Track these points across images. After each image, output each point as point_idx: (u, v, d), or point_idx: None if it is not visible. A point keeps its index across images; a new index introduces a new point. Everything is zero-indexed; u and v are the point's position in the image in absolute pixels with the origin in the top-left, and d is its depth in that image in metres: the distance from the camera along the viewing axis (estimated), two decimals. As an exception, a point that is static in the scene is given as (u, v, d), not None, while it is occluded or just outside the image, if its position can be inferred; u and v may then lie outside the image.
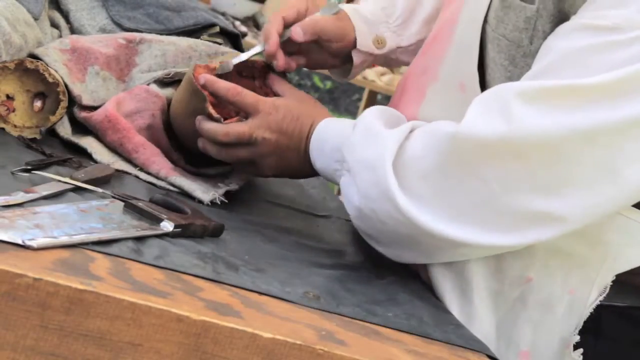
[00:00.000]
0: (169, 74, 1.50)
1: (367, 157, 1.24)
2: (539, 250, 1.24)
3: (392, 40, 1.59)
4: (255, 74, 1.50)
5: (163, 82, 1.50)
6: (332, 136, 1.32)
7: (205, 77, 1.37)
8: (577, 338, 1.23)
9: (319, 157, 1.33)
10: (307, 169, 1.36)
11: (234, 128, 1.35)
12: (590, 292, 1.24)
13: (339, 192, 1.70)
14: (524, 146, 1.13)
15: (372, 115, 1.29)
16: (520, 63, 1.23)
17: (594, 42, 1.14)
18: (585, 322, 1.24)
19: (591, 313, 1.24)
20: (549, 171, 1.14)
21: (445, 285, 1.29)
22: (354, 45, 1.55)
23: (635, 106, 1.11)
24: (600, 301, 1.23)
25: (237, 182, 1.42)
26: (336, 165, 1.30)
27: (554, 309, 1.24)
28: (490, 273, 1.26)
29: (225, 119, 1.37)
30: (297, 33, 1.47)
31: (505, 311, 1.26)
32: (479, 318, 1.26)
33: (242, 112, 1.38)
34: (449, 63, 1.32)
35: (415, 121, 1.27)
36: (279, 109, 1.36)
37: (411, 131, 1.24)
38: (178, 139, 1.45)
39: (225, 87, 1.37)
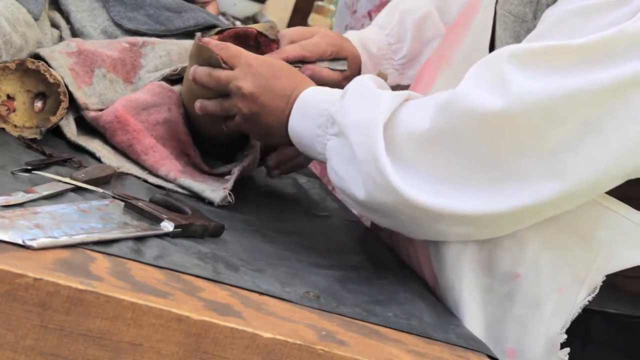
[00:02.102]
0: (176, 70, 1.51)
1: (360, 118, 1.22)
2: (529, 245, 1.23)
3: (393, 77, 1.60)
4: (249, 43, 1.50)
5: (171, 81, 1.50)
6: (320, 101, 1.30)
7: (203, 39, 1.40)
8: (564, 337, 1.22)
9: (299, 121, 1.31)
10: (282, 132, 1.33)
11: (216, 72, 1.36)
12: (579, 292, 1.23)
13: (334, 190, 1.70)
14: (516, 112, 1.13)
15: (366, 79, 1.29)
16: (524, 40, 1.23)
17: (585, 4, 1.14)
18: (574, 326, 1.23)
19: (581, 317, 1.23)
20: (538, 134, 1.13)
21: (443, 281, 1.29)
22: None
23: (622, 67, 1.11)
24: (589, 304, 1.22)
25: (239, 169, 1.41)
26: (318, 130, 1.28)
27: (541, 308, 1.23)
28: (481, 268, 1.26)
29: None
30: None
31: (493, 308, 1.25)
32: (469, 314, 1.26)
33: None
34: (465, 48, 1.33)
35: (412, 92, 1.27)
36: (261, 64, 1.35)
37: (406, 100, 1.24)
38: (196, 135, 1.45)
39: (214, 42, 1.39)
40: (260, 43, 1.52)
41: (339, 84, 1.48)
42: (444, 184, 1.17)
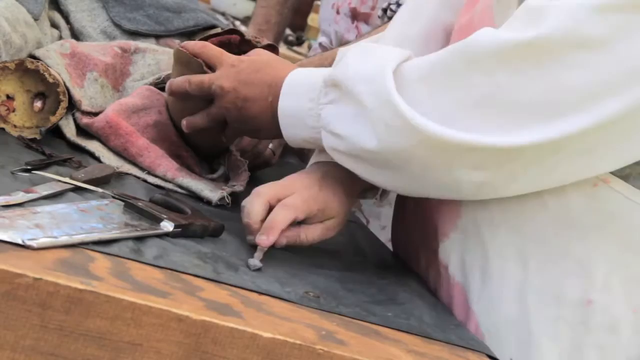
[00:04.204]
0: (159, 78, 1.51)
1: (364, 70, 1.17)
2: (598, 269, 1.18)
3: None
4: (232, 50, 1.49)
5: (157, 87, 1.50)
6: (309, 77, 1.25)
7: (184, 42, 1.39)
8: None
9: (289, 101, 1.25)
10: (269, 121, 1.29)
11: (196, 77, 1.35)
12: None
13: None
14: (554, 36, 1.08)
15: (363, 42, 1.26)
16: None
17: None
18: None
19: None
20: (572, 64, 1.08)
21: (497, 315, 1.23)
22: None
23: None
24: None
25: (241, 184, 1.42)
26: (309, 104, 1.23)
27: (619, 331, 1.19)
28: (548, 299, 1.20)
29: None
30: None
31: (567, 338, 1.20)
32: (542, 348, 1.20)
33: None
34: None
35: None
36: (242, 62, 1.34)
37: (409, 57, 1.19)
38: (184, 136, 1.45)
39: (194, 42, 1.38)
40: (244, 52, 1.50)
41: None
42: (467, 117, 1.11)
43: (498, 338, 1.23)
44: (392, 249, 1.50)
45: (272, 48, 1.50)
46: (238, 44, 1.51)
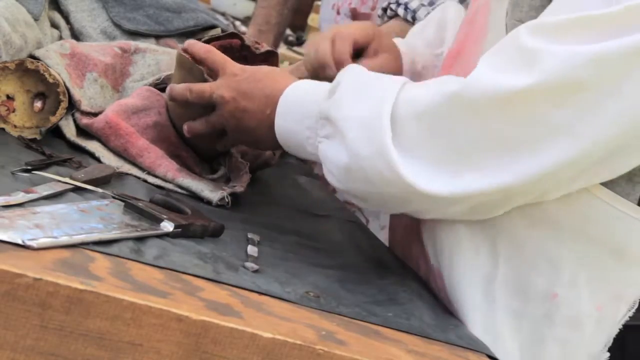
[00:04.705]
0: (159, 79, 1.51)
1: (359, 112, 1.18)
2: (565, 265, 1.20)
3: None
4: (234, 55, 1.49)
5: (157, 88, 1.50)
6: (305, 101, 1.26)
7: (188, 42, 1.39)
8: (607, 355, 1.21)
9: (285, 121, 1.26)
10: (268, 134, 1.30)
11: (197, 85, 1.35)
12: (619, 308, 1.21)
13: (334, 191, 1.70)
14: (550, 84, 1.09)
15: (357, 68, 1.25)
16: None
17: None
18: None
19: (617, 333, 1.21)
20: (563, 102, 1.09)
21: (468, 304, 1.25)
22: None
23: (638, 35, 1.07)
24: (628, 320, 1.21)
25: (241, 185, 1.42)
26: (308, 132, 1.23)
27: (582, 327, 1.21)
28: (513, 291, 1.22)
29: None
30: None
31: (530, 330, 1.22)
32: (502, 337, 1.22)
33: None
34: None
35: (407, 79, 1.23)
36: (245, 72, 1.34)
37: (405, 84, 1.19)
38: (184, 137, 1.45)
39: (199, 45, 1.38)
40: (244, 57, 1.50)
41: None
42: (457, 164, 1.13)
43: (469, 324, 1.25)
44: (388, 244, 1.51)
45: (272, 54, 1.50)
46: (239, 49, 1.51)
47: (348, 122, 1.18)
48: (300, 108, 1.25)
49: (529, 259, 1.21)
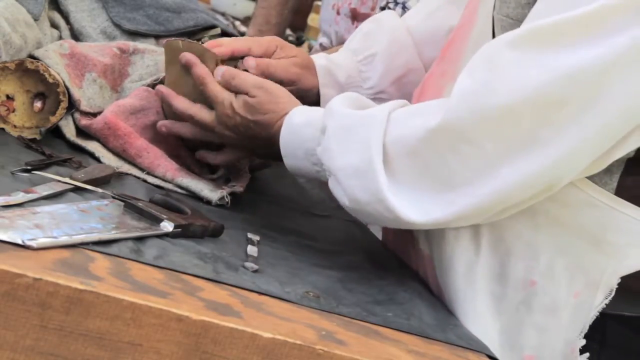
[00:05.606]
0: (157, 79, 1.51)
1: (351, 161, 1.21)
2: (543, 252, 1.23)
3: None
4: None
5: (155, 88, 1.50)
6: (303, 140, 1.28)
7: (186, 56, 1.40)
8: (583, 342, 1.22)
9: (293, 160, 1.30)
10: (279, 156, 1.32)
11: (200, 115, 1.38)
12: (596, 296, 1.22)
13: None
14: (517, 103, 1.12)
15: (340, 104, 1.26)
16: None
17: None
18: (590, 331, 1.22)
19: (596, 322, 1.22)
20: (540, 119, 1.12)
21: (452, 288, 1.28)
22: (312, 93, 1.52)
23: (619, 37, 1.09)
24: (605, 308, 1.22)
25: (241, 185, 1.42)
26: (316, 167, 1.27)
27: (559, 313, 1.23)
28: (494, 276, 1.25)
29: None
30: (250, 65, 1.44)
31: (508, 316, 1.24)
32: (483, 322, 1.25)
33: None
34: (467, 62, 1.31)
35: (393, 102, 1.24)
36: (235, 113, 1.34)
37: (390, 113, 1.21)
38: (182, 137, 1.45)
39: (198, 70, 1.38)
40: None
41: (291, 74, 1.48)
42: (451, 192, 1.16)
43: (453, 308, 1.28)
44: (381, 237, 1.53)
45: None
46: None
47: (341, 171, 1.22)
48: (303, 144, 1.28)
49: (508, 244, 1.24)
